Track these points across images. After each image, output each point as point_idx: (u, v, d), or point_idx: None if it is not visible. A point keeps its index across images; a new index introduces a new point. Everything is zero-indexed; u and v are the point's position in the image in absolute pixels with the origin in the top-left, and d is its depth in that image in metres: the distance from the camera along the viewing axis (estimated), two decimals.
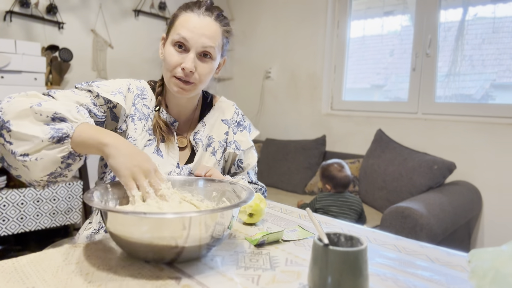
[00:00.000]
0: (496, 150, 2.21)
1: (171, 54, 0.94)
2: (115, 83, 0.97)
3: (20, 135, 0.72)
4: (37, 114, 0.74)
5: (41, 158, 0.72)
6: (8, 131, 0.72)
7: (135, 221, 0.60)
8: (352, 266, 0.51)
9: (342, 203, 2.01)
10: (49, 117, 0.74)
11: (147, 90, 1.03)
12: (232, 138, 1.10)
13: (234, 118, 1.13)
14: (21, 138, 0.72)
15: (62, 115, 0.75)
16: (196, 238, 0.61)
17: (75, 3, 2.79)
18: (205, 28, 0.94)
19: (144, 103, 1.01)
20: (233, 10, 3.70)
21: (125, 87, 0.97)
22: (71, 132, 0.74)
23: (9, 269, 0.61)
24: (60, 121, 0.75)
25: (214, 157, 1.06)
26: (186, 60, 0.93)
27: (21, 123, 0.73)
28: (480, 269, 0.51)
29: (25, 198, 2.09)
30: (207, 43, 0.94)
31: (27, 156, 0.72)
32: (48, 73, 2.53)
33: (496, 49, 2.30)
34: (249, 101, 3.55)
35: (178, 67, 0.94)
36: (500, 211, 2.21)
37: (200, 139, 1.05)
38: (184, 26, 0.94)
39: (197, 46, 0.93)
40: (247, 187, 0.78)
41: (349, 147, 2.85)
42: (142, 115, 0.99)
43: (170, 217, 0.59)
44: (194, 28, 0.93)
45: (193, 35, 0.93)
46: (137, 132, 0.97)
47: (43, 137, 0.72)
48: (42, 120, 0.74)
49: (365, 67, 2.95)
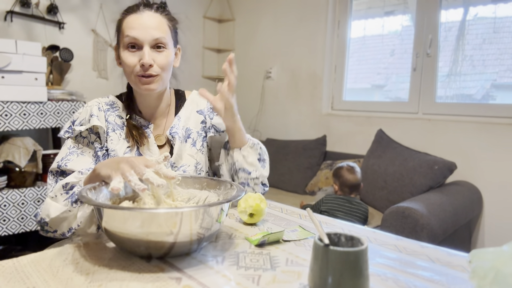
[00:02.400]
0: (497, 150, 2.21)
1: (126, 57, 0.98)
2: (86, 110, 1.02)
3: (54, 220, 0.84)
4: (53, 198, 0.86)
5: (80, 222, 0.81)
6: (46, 225, 0.85)
7: (127, 216, 0.61)
8: (352, 266, 0.51)
9: (348, 209, 1.99)
10: (63, 192, 0.87)
11: (117, 102, 1.08)
12: (209, 123, 1.12)
13: (208, 106, 1.15)
14: (56, 222, 0.84)
15: (70, 183, 0.87)
16: (187, 233, 0.63)
17: (75, 3, 2.79)
18: (149, 21, 0.98)
19: (117, 114, 1.05)
20: (234, 10, 3.70)
21: (95, 109, 1.02)
22: (82, 180, 0.86)
23: (10, 269, 0.61)
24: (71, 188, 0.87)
25: (195, 148, 1.08)
26: (142, 56, 0.96)
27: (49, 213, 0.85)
28: (481, 269, 0.51)
29: (26, 198, 2.09)
30: (156, 34, 0.97)
31: (72, 228, 0.83)
32: (49, 73, 2.53)
33: (497, 49, 2.30)
34: (250, 101, 3.55)
35: (137, 65, 0.97)
36: (501, 211, 2.21)
37: (176, 132, 1.07)
38: (129, 27, 0.97)
39: (148, 39, 0.96)
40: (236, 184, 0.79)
41: (349, 147, 2.85)
42: (115, 125, 1.03)
43: (161, 212, 0.61)
44: (140, 25, 0.97)
45: (140, 31, 0.96)
46: (113, 143, 1.01)
47: (68, 208, 0.83)
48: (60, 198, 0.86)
49: (366, 67, 2.95)
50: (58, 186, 0.86)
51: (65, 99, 2.30)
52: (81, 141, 1.01)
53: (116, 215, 0.63)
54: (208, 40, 3.77)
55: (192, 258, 0.67)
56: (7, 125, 2.03)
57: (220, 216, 0.68)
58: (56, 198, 0.85)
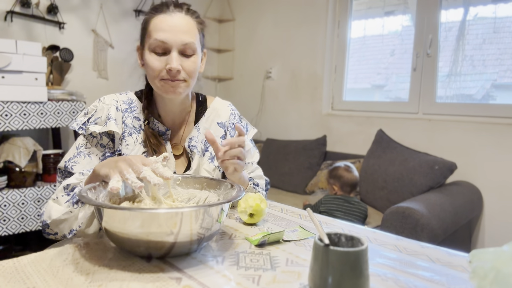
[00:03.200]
0: (497, 150, 2.21)
1: (152, 60, 0.93)
2: (103, 108, 0.97)
3: (55, 222, 0.82)
4: (55, 199, 0.85)
5: (82, 222, 0.80)
6: (48, 227, 0.84)
7: (127, 216, 0.61)
8: (352, 266, 0.51)
9: (347, 208, 1.99)
10: (64, 193, 0.85)
11: (135, 102, 1.02)
12: None
13: (230, 120, 1.11)
14: (57, 224, 0.83)
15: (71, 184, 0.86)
16: (187, 233, 0.63)
17: (75, 3, 2.79)
18: (180, 24, 0.92)
19: (134, 115, 1.00)
20: (234, 10, 3.70)
21: (113, 110, 0.97)
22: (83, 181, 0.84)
23: (10, 269, 0.61)
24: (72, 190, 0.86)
25: (213, 163, 1.04)
26: (169, 61, 0.91)
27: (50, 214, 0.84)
28: (481, 269, 0.51)
29: (26, 198, 2.09)
30: (186, 39, 0.92)
31: (74, 230, 0.82)
32: (49, 73, 2.53)
33: (497, 49, 2.30)
34: (250, 101, 3.55)
35: (163, 69, 0.92)
36: (501, 211, 2.21)
37: (195, 145, 1.03)
38: (158, 29, 0.92)
39: (177, 44, 0.92)
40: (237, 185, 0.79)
41: (349, 147, 2.85)
42: (132, 129, 0.98)
43: (162, 212, 0.60)
44: (169, 27, 0.91)
45: (170, 34, 0.91)
46: (129, 148, 0.96)
47: (69, 209, 0.81)
48: (61, 200, 0.84)
49: (366, 67, 2.95)
50: (60, 187, 0.85)
51: (65, 99, 2.30)
52: (91, 140, 0.96)
53: (116, 215, 0.63)
54: (208, 40, 3.75)
55: (192, 258, 0.67)
56: (7, 125, 2.03)
57: (220, 216, 0.68)
58: (58, 200, 0.84)
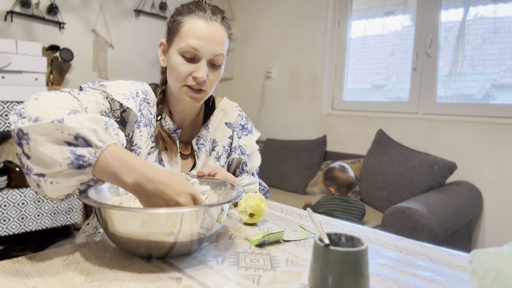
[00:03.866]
0: (497, 150, 2.21)
1: (180, 64, 0.91)
2: (124, 86, 0.92)
3: (38, 152, 0.63)
4: (57, 130, 0.63)
5: (57, 183, 0.64)
6: (27, 144, 0.63)
7: (128, 216, 0.61)
8: (352, 266, 0.51)
9: (346, 208, 2.00)
10: (72, 135, 0.63)
11: (150, 94, 1.00)
12: (237, 143, 1.08)
13: (238, 121, 1.11)
14: (38, 156, 0.63)
15: (86, 137, 0.64)
16: (187, 233, 0.63)
17: (76, 3, 2.79)
18: (214, 35, 0.91)
19: (149, 108, 0.98)
20: (234, 10, 3.70)
21: (134, 92, 0.94)
22: (93, 160, 0.64)
23: (10, 269, 0.61)
24: (83, 141, 0.64)
25: (218, 163, 1.05)
26: (198, 69, 0.90)
27: (40, 139, 0.63)
28: (481, 269, 0.51)
29: (26, 198, 2.09)
30: (218, 51, 0.91)
31: (43, 177, 0.63)
32: (49, 73, 2.53)
33: (497, 49, 2.30)
34: (250, 101, 3.55)
35: (189, 76, 0.91)
36: (501, 211, 2.21)
37: (203, 144, 1.03)
38: (192, 34, 0.89)
39: (208, 54, 0.91)
40: (237, 185, 0.80)
41: (349, 147, 2.85)
42: (147, 121, 0.96)
43: (162, 213, 0.60)
44: (204, 36, 0.89)
45: (203, 43, 0.89)
46: (142, 140, 0.94)
47: (61, 162, 0.62)
48: (63, 138, 0.63)
49: (366, 67, 2.95)
50: (71, 123, 0.64)
51: None
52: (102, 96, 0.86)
53: (116, 215, 0.63)
54: None
55: (193, 258, 0.67)
56: (8, 125, 2.03)
57: (221, 217, 0.68)
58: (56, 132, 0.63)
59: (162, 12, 3.27)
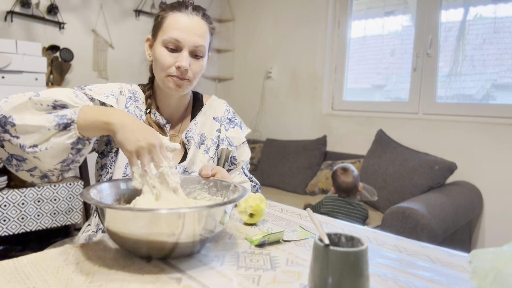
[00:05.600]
0: (497, 150, 2.21)
1: (163, 55, 0.96)
2: (107, 86, 0.98)
3: (25, 127, 0.72)
4: (37, 104, 0.74)
5: (51, 147, 0.73)
6: (12, 126, 0.72)
7: (129, 216, 0.61)
8: (352, 266, 0.51)
9: (348, 210, 1.99)
10: (50, 105, 0.75)
11: (139, 93, 1.05)
12: (224, 135, 1.11)
13: (225, 115, 1.14)
14: (27, 130, 0.72)
15: (62, 101, 0.75)
16: (189, 233, 0.62)
17: (76, 3, 2.80)
18: (195, 27, 0.96)
19: (137, 105, 1.02)
20: (234, 10, 3.70)
21: (117, 90, 0.98)
22: (75, 117, 0.75)
23: (10, 269, 0.61)
24: (61, 108, 0.75)
25: (208, 155, 1.07)
26: (180, 59, 0.95)
27: (24, 116, 0.73)
28: (481, 269, 0.51)
29: (26, 198, 2.09)
30: (199, 42, 0.96)
31: (37, 147, 0.73)
32: (49, 73, 2.53)
33: (497, 49, 2.30)
34: (250, 101, 3.55)
35: (173, 66, 0.95)
36: (501, 211, 2.21)
37: (192, 137, 1.06)
38: (174, 27, 0.95)
39: (190, 45, 0.95)
40: (240, 185, 0.80)
41: (350, 147, 2.85)
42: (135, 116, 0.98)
43: (164, 213, 0.60)
44: (185, 28, 0.95)
45: (184, 35, 0.95)
46: None
47: (49, 126, 0.73)
48: (43, 109, 0.74)
49: (366, 67, 2.95)
50: (46, 95, 0.76)
51: None
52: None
53: (118, 216, 0.63)
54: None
55: (192, 258, 0.67)
56: None
57: (224, 218, 0.68)
58: (35, 106, 0.75)
59: None
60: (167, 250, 0.63)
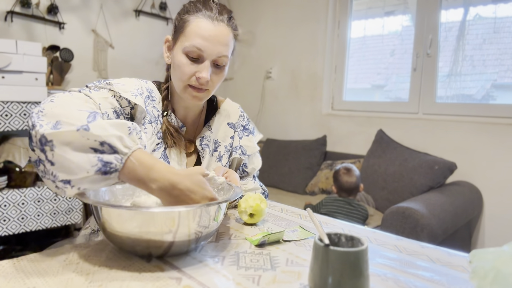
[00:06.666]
0: (497, 150, 2.21)
1: (183, 63, 0.91)
2: (131, 83, 0.92)
3: (64, 160, 0.64)
4: (83, 138, 0.65)
5: (84, 188, 0.66)
6: (51, 150, 0.64)
7: (125, 215, 0.62)
8: (352, 266, 0.51)
9: (348, 211, 1.99)
10: (97, 141, 0.65)
11: (155, 92, 1.00)
12: (238, 143, 1.09)
13: (239, 122, 1.12)
14: (64, 165, 0.64)
15: (112, 144, 0.66)
16: (185, 231, 0.63)
17: (76, 3, 2.79)
18: (220, 36, 0.90)
19: (154, 105, 0.97)
20: (234, 9, 3.69)
21: (140, 89, 0.93)
22: (119, 166, 0.66)
23: (10, 269, 0.61)
24: (109, 147, 0.66)
25: (220, 163, 1.05)
26: (201, 69, 0.90)
27: (66, 148, 0.64)
28: (481, 269, 0.51)
29: (26, 198, 2.09)
30: (222, 52, 0.91)
31: (69, 183, 0.65)
32: (49, 73, 2.53)
33: (497, 49, 2.30)
34: (250, 101, 3.55)
35: (193, 76, 0.91)
36: (501, 211, 2.21)
37: (207, 144, 1.04)
38: (198, 34, 0.89)
39: (213, 55, 0.90)
40: (235, 185, 0.80)
41: (349, 147, 2.85)
42: (152, 117, 0.95)
43: (158, 212, 0.61)
44: (210, 37, 0.89)
45: (208, 44, 0.89)
46: (147, 136, 0.93)
47: (89, 169, 0.64)
48: (89, 144, 0.65)
49: (366, 67, 2.95)
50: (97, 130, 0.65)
51: None
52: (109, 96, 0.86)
53: (114, 214, 0.63)
54: None
55: (192, 258, 0.67)
56: (8, 125, 2.03)
57: (218, 215, 0.68)
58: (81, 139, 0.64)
59: (162, 12, 3.27)
60: (164, 248, 0.64)
